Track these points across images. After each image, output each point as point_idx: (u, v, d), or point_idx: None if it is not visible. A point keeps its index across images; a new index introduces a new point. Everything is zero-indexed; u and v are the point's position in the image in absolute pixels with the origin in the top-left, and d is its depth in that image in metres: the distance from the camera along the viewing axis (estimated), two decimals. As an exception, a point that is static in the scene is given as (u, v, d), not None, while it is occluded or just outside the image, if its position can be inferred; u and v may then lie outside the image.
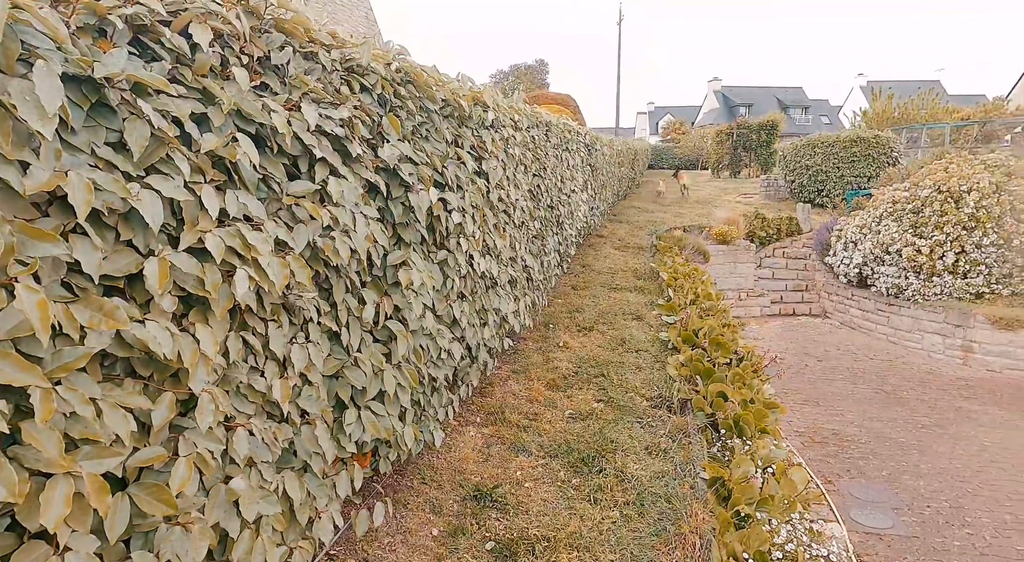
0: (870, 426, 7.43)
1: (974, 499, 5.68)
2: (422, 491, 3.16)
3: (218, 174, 1.34)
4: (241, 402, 1.46)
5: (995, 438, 7.02)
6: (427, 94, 2.40)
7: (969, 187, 10.58)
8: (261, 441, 1.50)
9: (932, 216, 10.73)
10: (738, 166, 26.02)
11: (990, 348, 9.61)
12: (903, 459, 6.53)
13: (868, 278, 11.80)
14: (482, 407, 4.19)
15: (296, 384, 1.65)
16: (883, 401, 8.33)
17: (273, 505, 1.54)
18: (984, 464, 6.37)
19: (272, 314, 1.53)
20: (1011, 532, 5.13)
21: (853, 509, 5.57)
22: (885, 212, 11.60)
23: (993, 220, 10.21)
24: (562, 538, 2.78)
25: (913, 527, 5.28)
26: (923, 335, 10.64)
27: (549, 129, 4.92)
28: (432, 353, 2.69)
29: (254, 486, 1.45)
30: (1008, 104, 30.37)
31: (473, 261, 2.96)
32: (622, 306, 6.80)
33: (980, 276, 10.23)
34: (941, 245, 10.52)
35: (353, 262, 1.84)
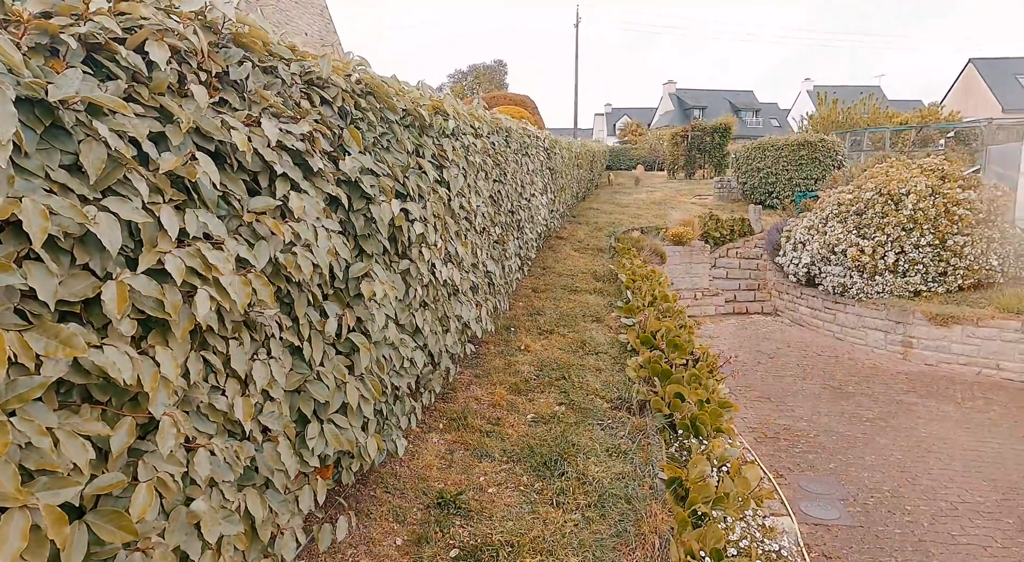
0: (818, 421, 7.74)
1: (913, 488, 6.00)
2: (385, 500, 3.15)
3: (177, 193, 1.32)
4: (202, 422, 1.44)
5: (932, 429, 7.42)
6: (388, 105, 2.40)
7: (907, 190, 11.13)
8: (223, 461, 1.48)
9: (874, 218, 11.25)
10: (693, 168, 26.66)
11: (927, 343, 10.13)
12: (849, 452, 6.83)
13: (816, 277, 12.28)
14: (445, 413, 4.19)
15: (258, 401, 1.63)
16: (830, 396, 8.70)
17: (235, 525, 1.52)
18: (922, 454, 6.73)
19: (233, 332, 1.51)
20: (946, 518, 5.44)
21: (803, 501, 5.81)
22: (831, 214, 12.09)
23: (929, 221, 10.77)
24: (526, 543, 2.82)
25: (858, 517, 5.54)
26: (867, 331, 11.14)
27: (509, 135, 4.96)
28: (395, 363, 2.68)
29: (215, 507, 1.43)
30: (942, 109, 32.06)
31: (435, 269, 2.97)
32: (582, 308, 6.90)
33: (918, 275, 10.78)
34: (883, 245, 11.04)
35: (315, 276, 1.83)
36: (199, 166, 1.31)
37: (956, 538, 5.15)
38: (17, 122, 0.93)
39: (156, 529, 1.29)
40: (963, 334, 9.79)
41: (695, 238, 14.55)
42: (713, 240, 15.13)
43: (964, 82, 37.70)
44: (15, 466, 0.94)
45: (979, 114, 32.02)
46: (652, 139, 38.59)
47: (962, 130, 22.57)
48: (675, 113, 56.51)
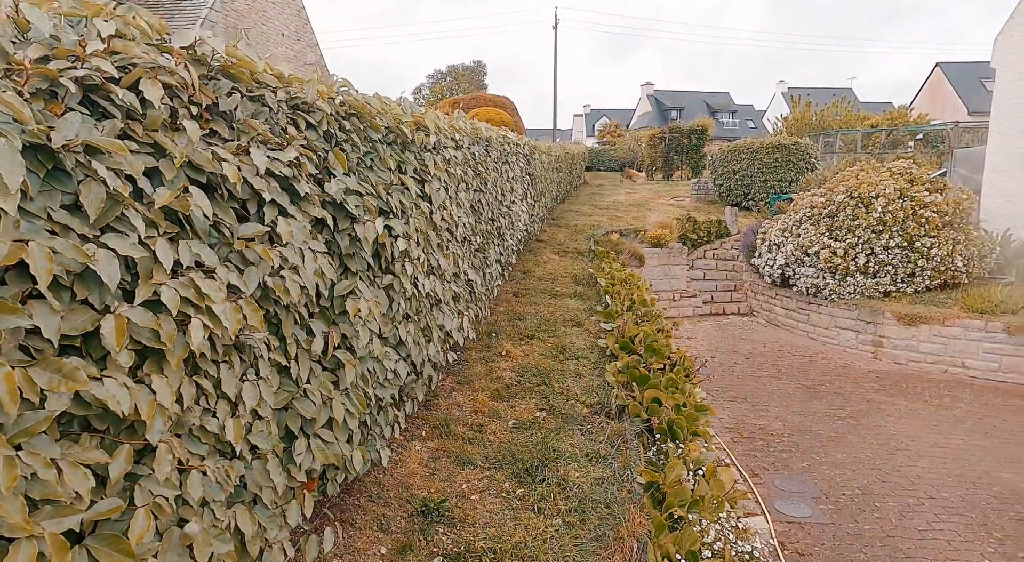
0: (792, 420, 7.94)
1: (882, 485, 6.20)
2: (370, 509, 3.20)
3: (171, 226, 1.37)
4: (194, 444, 1.49)
5: (900, 427, 7.67)
6: (371, 124, 2.45)
7: (877, 193, 11.44)
8: (214, 481, 1.53)
9: (845, 220, 11.54)
10: (671, 169, 26.98)
11: (897, 342, 10.44)
12: (821, 450, 7.03)
13: (790, 278, 12.56)
14: (428, 420, 4.25)
15: (247, 421, 1.68)
16: (804, 395, 8.92)
17: (226, 543, 1.57)
18: (891, 452, 6.95)
19: (224, 356, 1.56)
20: (913, 514, 5.65)
21: (777, 500, 5.97)
22: (804, 216, 12.37)
23: (898, 224, 11.08)
24: (507, 549, 2.90)
25: (830, 514, 5.72)
26: (839, 331, 11.43)
27: (489, 144, 5.03)
28: (379, 375, 2.74)
29: (207, 527, 1.48)
30: (911, 112, 32.91)
31: (418, 283, 3.03)
32: (562, 313, 7.00)
33: (887, 276, 11.09)
34: (853, 247, 11.33)
35: (302, 298, 1.88)
36: (192, 199, 1.36)
37: (923, 533, 5.34)
38: (24, 171, 0.98)
39: (151, 551, 1.34)
40: (930, 333, 10.11)
41: (673, 240, 14.76)
42: (691, 242, 15.37)
43: (932, 85, 38.70)
44: (22, 498, 0.99)
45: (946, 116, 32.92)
46: (630, 140, 38.96)
47: (930, 133, 23.22)
48: (653, 114, 57.05)
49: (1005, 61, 12.96)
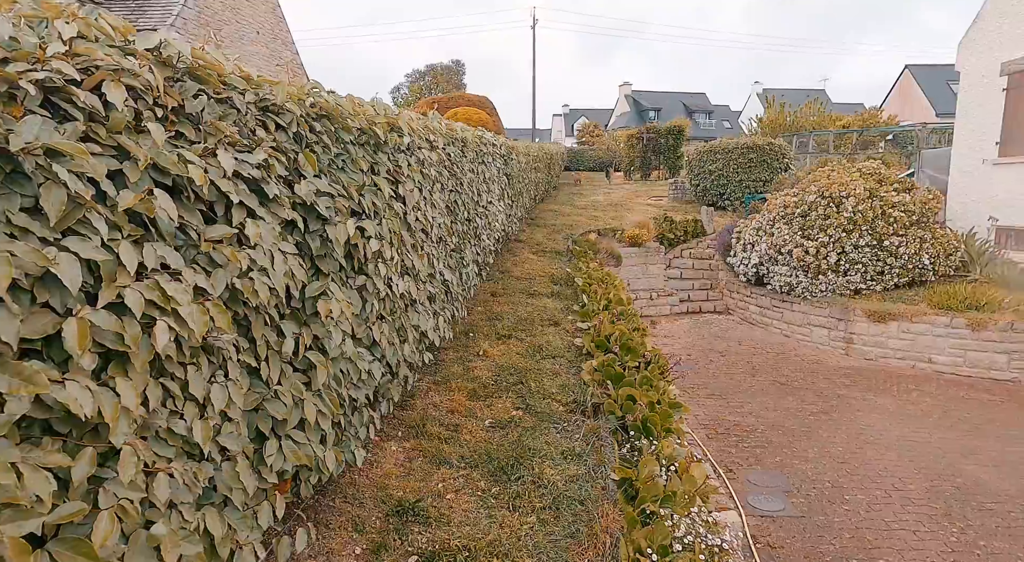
0: (766, 416, 8.09)
1: (851, 478, 6.35)
2: (344, 510, 3.20)
3: (135, 229, 1.37)
4: (161, 447, 1.48)
5: (870, 421, 7.86)
6: (343, 126, 2.46)
7: (847, 193, 11.69)
8: (182, 483, 1.53)
9: (817, 219, 11.78)
10: (649, 169, 27.26)
11: (867, 339, 10.69)
12: (793, 445, 7.18)
13: (764, 277, 12.78)
14: (403, 421, 4.26)
15: (216, 423, 1.68)
16: (777, 392, 9.09)
17: (195, 545, 1.57)
18: (860, 445, 7.12)
19: (192, 358, 1.56)
20: (881, 506, 5.80)
21: (750, 495, 6.09)
22: (777, 215, 12.59)
23: (867, 223, 11.34)
24: (482, 547, 2.92)
25: (801, 508, 5.85)
26: (812, 329, 11.66)
27: (465, 145, 5.05)
28: (352, 376, 2.74)
29: (175, 528, 1.48)
30: (881, 113, 33.67)
31: (392, 283, 3.03)
32: (540, 312, 7.04)
33: (858, 274, 11.35)
34: (825, 246, 11.57)
35: (272, 299, 1.88)
36: (157, 202, 1.36)
37: (889, 524, 5.49)
38: (-19, 176, 0.98)
39: (116, 554, 1.34)
40: (899, 330, 10.37)
41: (650, 239, 14.91)
42: (668, 241, 15.54)
43: (901, 87, 39.61)
44: (-19, 502, 0.99)
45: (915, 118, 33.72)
46: (609, 140, 39.26)
47: (899, 134, 23.81)
48: (631, 114, 57.50)
49: (968, 64, 13.34)
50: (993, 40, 12.57)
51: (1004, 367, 9.46)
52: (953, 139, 13.87)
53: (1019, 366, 9.35)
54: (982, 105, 12.87)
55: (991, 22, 12.64)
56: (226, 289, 1.64)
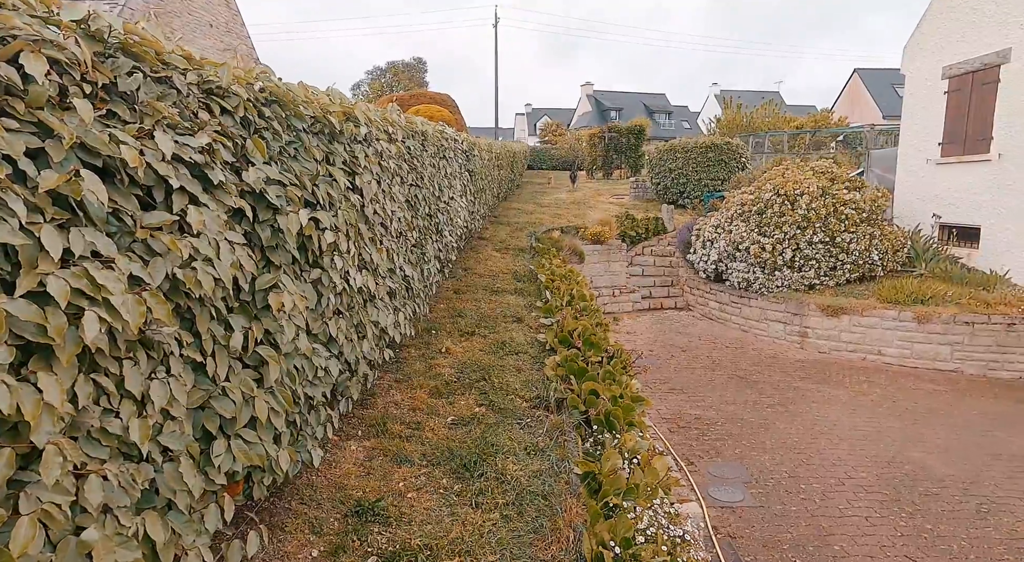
0: (726, 409, 8.25)
1: (807, 468, 6.53)
2: (301, 512, 3.10)
3: (60, 212, 1.26)
4: (94, 448, 1.38)
5: (824, 412, 8.09)
6: (295, 113, 2.36)
7: (801, 191, 12.03)
8: (118, 486, 1.43)
9: (773, 217, 12.08)
10: (611, 168, 27.53)
11: (820, 332, 11.02)
12: (752, 437, 7.33)
13: (723, 273, 13.04)
14: (364, 420, 4.16)
15: (156, 421, 1.58)
16: (737, 385, 9.28)
17: (132, 551, 1.48)
18: (815, 436, 7.33)
19: (128, 352, 1.46)
20: (835, 494, 5.97)
21: (711, 487, 6.19)
22: (735, 213, 12.87)
23: (820, 220, 11.69)
24: (444, 545, 2.87)
25: (759, 498, 5.97)
26: (769, 323, 11.96)
27: (425, 139, 4.97)
28: (308, 373, 2.65)
29: (110, 534, 1.38)
30: (833, 115, 34.85)
31: (349, 277, 2.95)
32: (503, 309, 7.00)
33: (812, 270, 11.69)
34: (781, 243, 11.88)
35: (218, 291, 1.79)
36: (84, 183, 1.26)
37: (843, 511, 5.66)
38: None
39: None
40: (850, 323, 10.72)
41: (613, 237, 15.05)
42: (630, 239, 15.72)
43: (850, 90, 41.07)
44: None
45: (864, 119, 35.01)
46: (571, 140, 39.51)
47: (849, 135, 24.67)
48: (593, 114, 58.03)
49: (913, 67, 13.89)
50: (935, 44, 13.11)
51: (947, 358, 9.88)
52: (899, 140, 14.41)
53: (961, 356, 9.79)
54: (926, 107, 13.41)
55: (933, 26, 13.19)
56: (166, 279, 1.55)
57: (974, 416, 8.08)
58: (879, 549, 5.07)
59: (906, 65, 14.15)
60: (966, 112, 12.38)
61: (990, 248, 11.73)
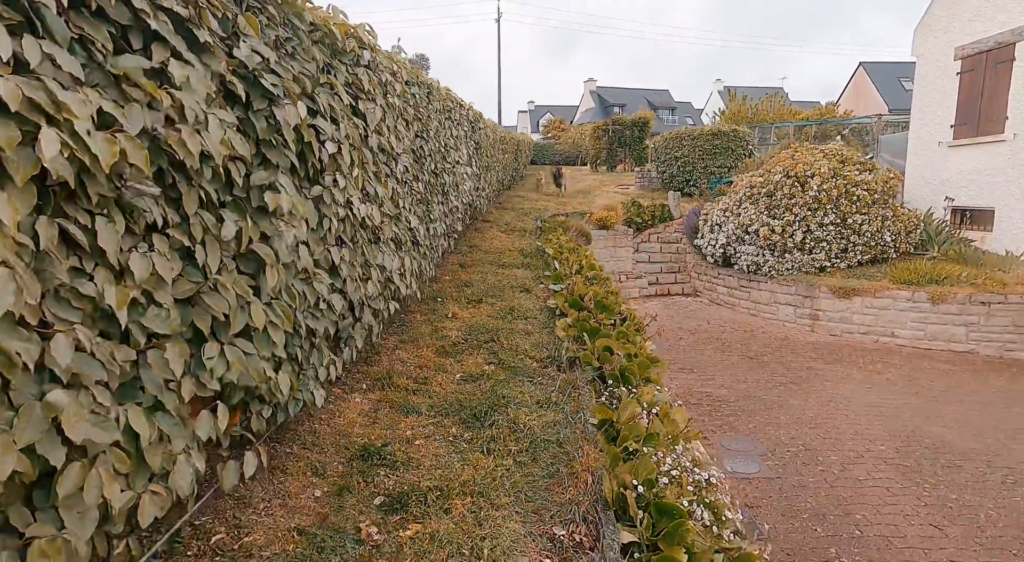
0: (737, 387, 8.06)
1: (824, 441, 6.33)
2: (303, 456, 2.93)
3: (10, 12, 1.09)
4: (63, 308, 1.21)
5: (839, 390, 7.89)
6: (293, 9, 2.19)
7: (812, 172, 11.81)
8: (92, 355, 1.25)
9: (783, 199, 11.87)
10: (614, 161, 27.29)
11: (832, 315, 10.80)
12: (766, 413, 7.14)
13: (732, 257, 12.83)
14: (369, 375, 3.99)
15: (137, 298, 1.41)
16: (747, 365, 9.08)
17: (110, 432, 1.30)
18: (831, 412, 7.13)
19: (100, 207, 1.28)
20: (854, 465, 5.77)
21: (725, 459, 5.99)
22: (744, 196, 12.66)
23: (832, 202, 11.47)
24: (455, 487, 2.69)
25: (776, 469, 5.78)
26: (779, 307, 11.75)
27: (431, 92, 4.79)
28: (309, 299, 2.47)
29: (83, 404, 1.21)
30: (838, 108, 34.58)
31: (352, 206, 2.77)
32: (510, 281, 6.82)
33: (823, 252, 11.47)
34: (791, 225, 11.66)
35: (207, 170, 1.61)
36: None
37: (863, 482, 5.46)
38: None
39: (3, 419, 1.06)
40: (862, 305, 10.50)
41: (619, 222, 14.86)
42: (635, 225, 15.51)
43: (856, 84, 40.77)
44: None
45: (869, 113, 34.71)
46: (575, 134, 39.29)
47: (856, 126, 24.41)
48: (596, 110, 57.79)
49: (924, 49, 13.65)
50: (947, 24, 12.88)
51: (963, 339, 9.66)
52: (910, 123, 14.18)
53: (976, 337, 9.56)
54: (937, 89, 13.19)
55: (944, 6, 12.96)
56: (145, 134, 1.37)
57: (993, 394, 7.87)
58: (903, 518, 4.87)
59: (917, 47, 13.91)
60: (980, 92, 12.15)
61: (1005, 229, 11.50)
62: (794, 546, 4.54)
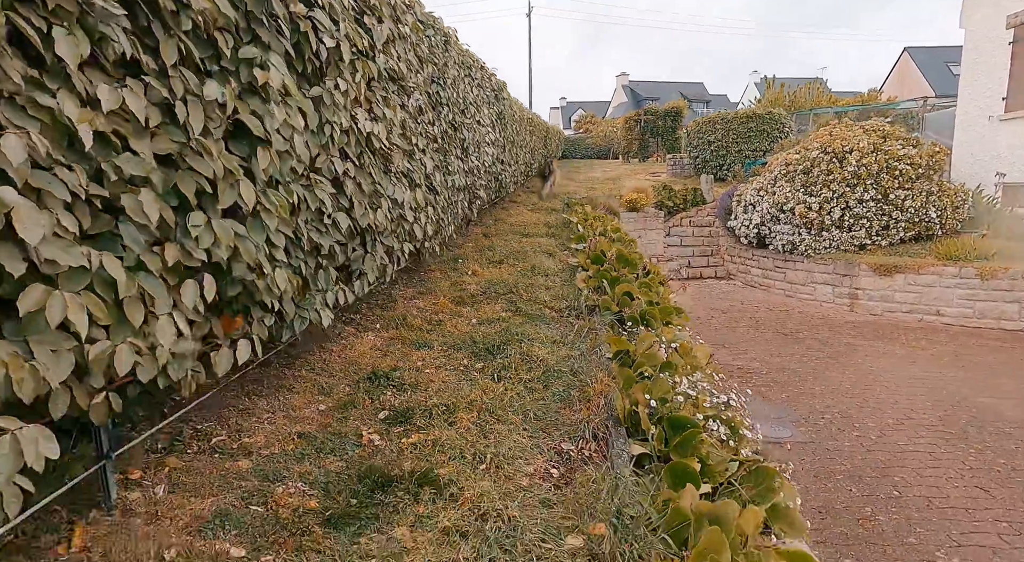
0: (771, 361, 7.78)
1: (861, 410, 6.04)
2: (311, 378, 2.89)
3: None
4: (17, 115, 1.16)
5: (879, 364, 7.54)
6: None
7: (851, 147, 11.37)
8: (52, 174, 1.21)
9: (820, 175, 11.45)
10: (646, 151, 26.89)
11: (872, 293, 10.36)
12: (800, 385, 6.86)
13: (766, 238, 12.44)
14: (383, 318, 3.94)
15: (107, 134, 1.36)
16: (782, 342, 8.78)
17: (75, 257, 1.26)
18: (870, 383, 6.81)
19: (58, 16, 1.22)
20: (893, 432, 5.48)
21: (756, 424, 5.78)
22: (779, 174, 12.27)
23: (872, 177, 11.01)
24: (461, 404, 2.61)
25: (809, 434, 5.53)
26: (815, 286, 11.34)
27: (448, 41, 4.72)
28: (311, 206, 2.42)
29: (43, 218, 1.16)
30: (881, 95, 33.34)
31: (357, 121, 2.71)
32: (534, 247, 6.71)
33: (862, 229, 11.02)
34: (828, 202, 11.24)
35: (185, 20, 1.55)
36: None
37: (903, 447, 5.18)
38: None
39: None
40: (905, 282, 10.04)
41: (649, 205, 14.59)
42: (667, 209, 15.20)
43: (900, 70, 39.28)
44: None
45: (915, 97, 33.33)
46: (606, 128, 38.84)
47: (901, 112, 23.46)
48: (628, 105, 57.12)
49: (973, 20, 13.01)
50: (998, -9, 12.25)
51: (1015, 316, 9.14)
52: (958, 97, 13.53)
53: (1031, 314, 9.04)
54: (987, 60, 12.55)
55: (996, -28, 12.32)
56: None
57: (1048, 369, 7.41)
58: (945, 480, 4.59)
59: (965, 19, 13.26)
60: (1033, 61, 11.51)
61: (1062, 203, 10.85)
62: (825, 504, 4.32)
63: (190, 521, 1.77)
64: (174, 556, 1.59)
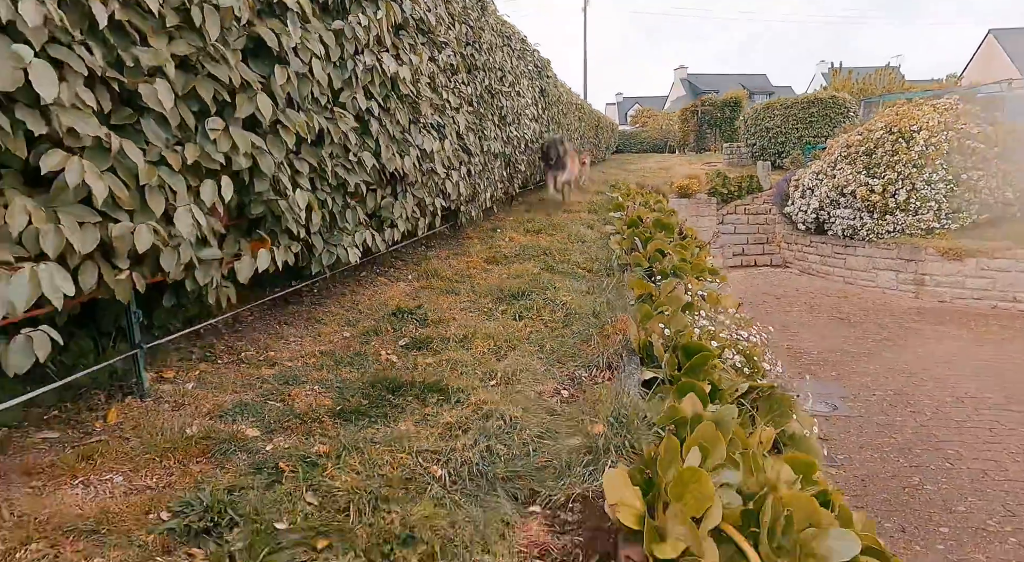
0: (823, 343, 7.48)
1: (917, 389, 5.73)
2: (340, 314, 3.01)
3: None
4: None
5: (942, 347, 7.12)
6: None
7: (919, 127, 10.75)
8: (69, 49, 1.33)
9: (884, 156, 10.88)
10: (703, 143, 26.19)
11: (940, 279, 9.77)
12: (852, 364, 6.58)
13: (825, 223, 11.93)
14: (415, 271, 4.04)
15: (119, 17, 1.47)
16: (836, 325, 8.42)
17: (93, 128, 1.38)
18: (930, 365, 6.45)
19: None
20: (949, 409, 5.18)
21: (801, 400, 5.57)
22: (839, 156, 11.74)
23: (942, 157, 10.38)
24: (480, 335, 2.66)
25: (858, 409, 5.30)
26: (877, 272, 10.79)
27: (485, 7, 4.78)
28: (334, 137, 2.52)
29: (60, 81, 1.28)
30: (961, 81, 31.27)
31: (382, 61, 2.80)
32: (574, 221, 6.69)
33: (930, 212, 10.40)
34: (893, 183, 10.67)
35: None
36: None
37: (960, 424, 4.89)
38: None
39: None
40: (977, 267, 9.42)
41: (702, 191, 14.25)
42: (720, 196, 14.77)
43: (984, 53, 36.78)
44: None
45: (999, 83, 31.09)
46: (662, 121, 38.08)
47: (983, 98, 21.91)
48: (687, 98, 55.74)
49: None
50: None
51: (1103, 303, 8.43)
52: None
53: (1123, 301, 8.31)
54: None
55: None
56: None
57: None
58: (1006, 455, 4.31)
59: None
60: None
61: None
62: (870, 473, 4.14)
63: (212, 409, 1.89)
64: (195, 432, 1.71)
